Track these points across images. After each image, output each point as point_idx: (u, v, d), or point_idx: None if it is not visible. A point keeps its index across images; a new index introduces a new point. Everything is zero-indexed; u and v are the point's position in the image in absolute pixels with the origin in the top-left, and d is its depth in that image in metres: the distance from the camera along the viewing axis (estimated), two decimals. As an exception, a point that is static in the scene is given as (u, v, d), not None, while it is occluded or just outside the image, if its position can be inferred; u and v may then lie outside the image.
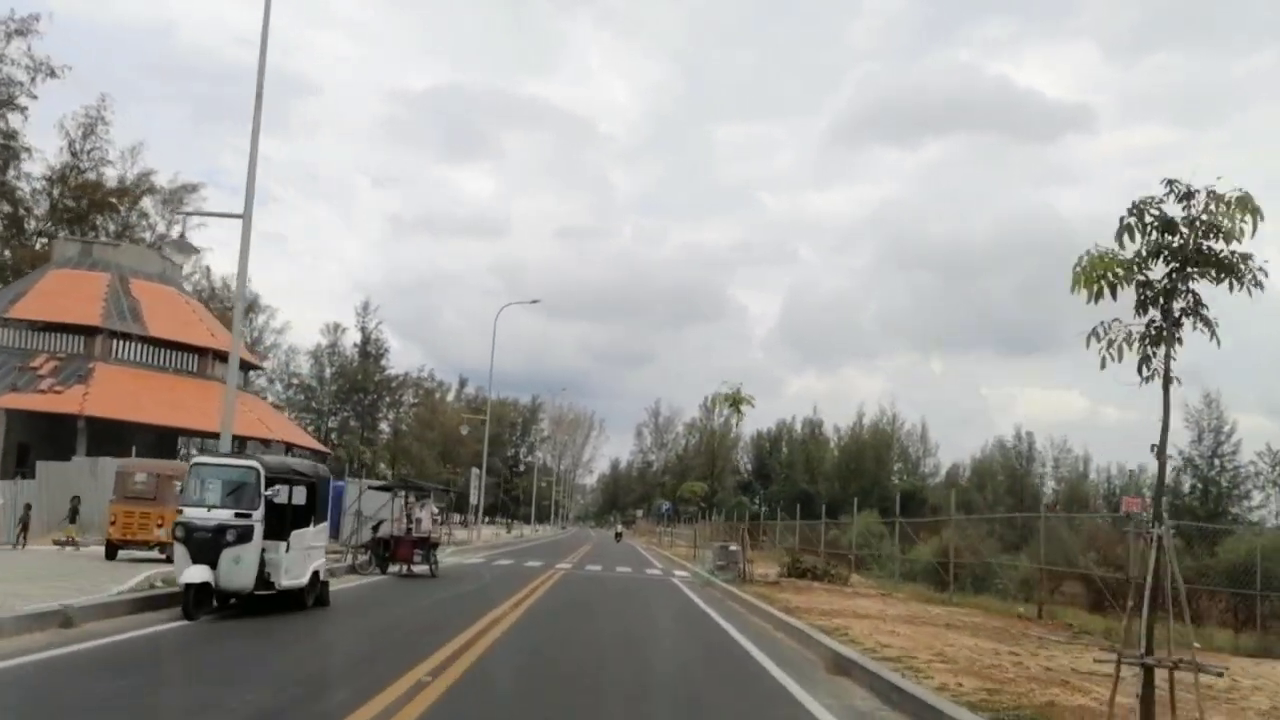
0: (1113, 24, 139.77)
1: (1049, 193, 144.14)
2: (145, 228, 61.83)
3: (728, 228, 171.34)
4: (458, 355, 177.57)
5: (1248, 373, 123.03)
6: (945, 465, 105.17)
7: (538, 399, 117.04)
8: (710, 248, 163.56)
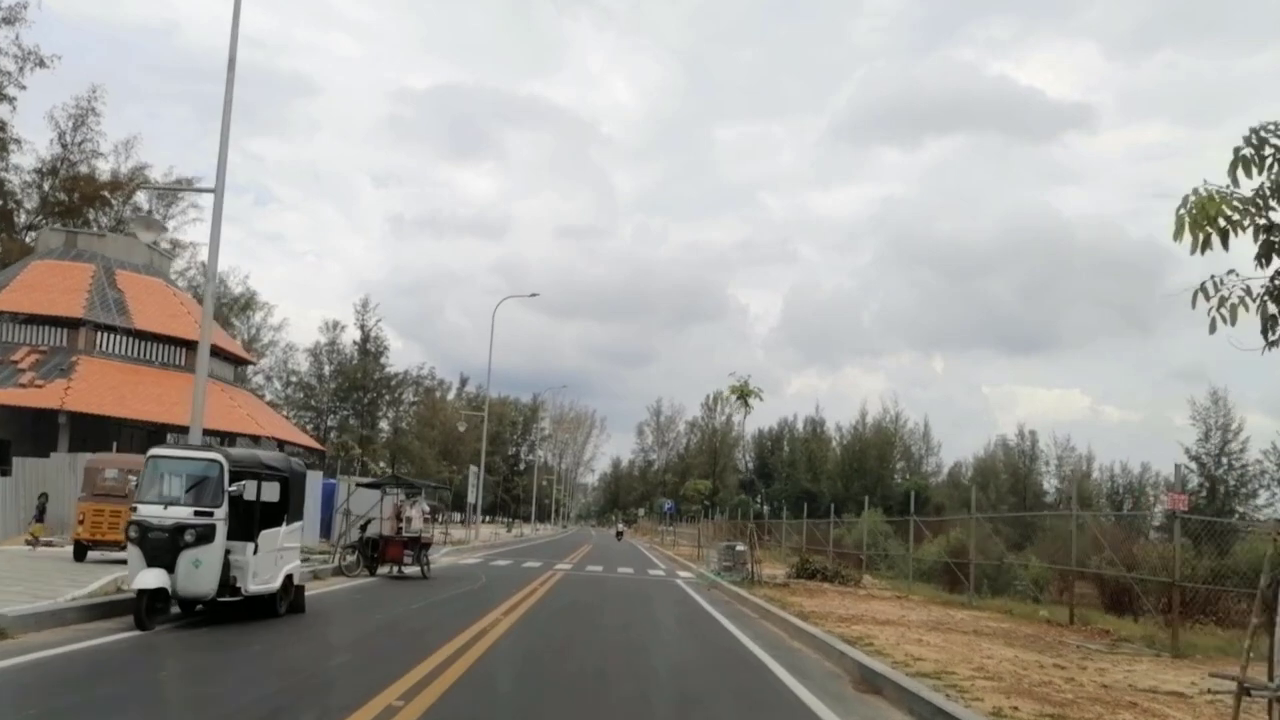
0: (1114, 23, 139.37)
1: (1050, 192, 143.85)
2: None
3: (729, 227, 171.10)
4: (460, 355, 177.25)
5: (1249, 372, 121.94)
6: (947, 464, 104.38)
7: (539, 397, 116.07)
8: (712, 247, 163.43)
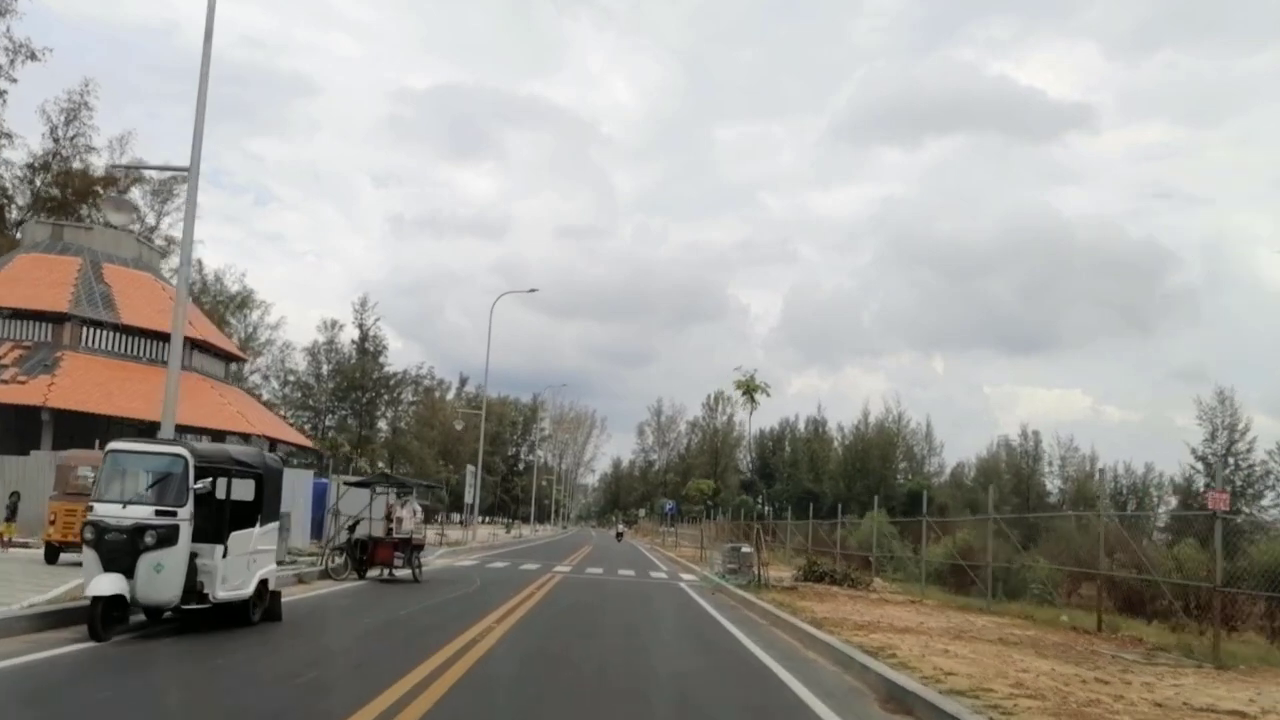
0: (1114, 23, 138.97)
1: (1050, 192, 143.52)
2: (134, 219, 59.99)
3: (729, 227, 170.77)
4: (460, 355, 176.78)
5: (1250, 373, 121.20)
6: (950, 464, 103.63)
7: (539, 397, 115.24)
8: (712, 247, 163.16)
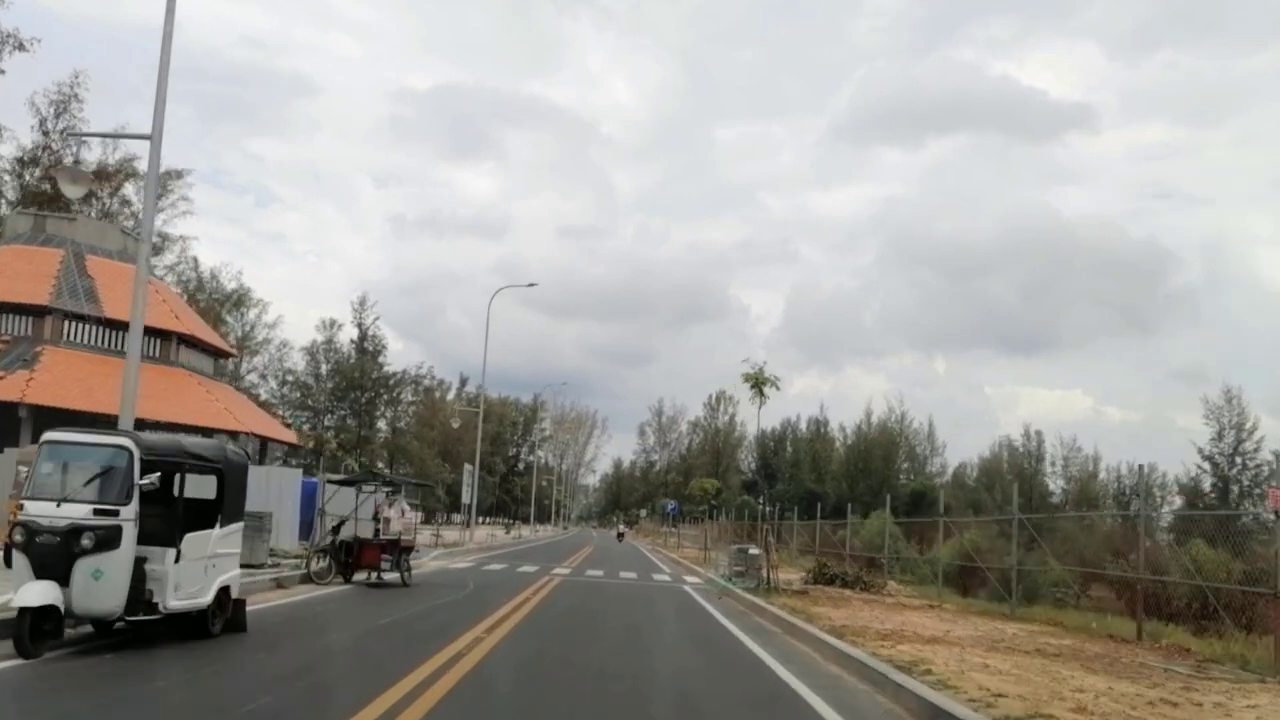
0: (1114, 23, 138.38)
1: (1051, 192, 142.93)
2: (128, 215, 58.98)
3: (730, 227, 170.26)
4: (460, 355, 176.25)
5: (1251, 373, 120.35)
6: (952, 464, 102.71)
7: (539, 397, 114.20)
8: (712, 247, 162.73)
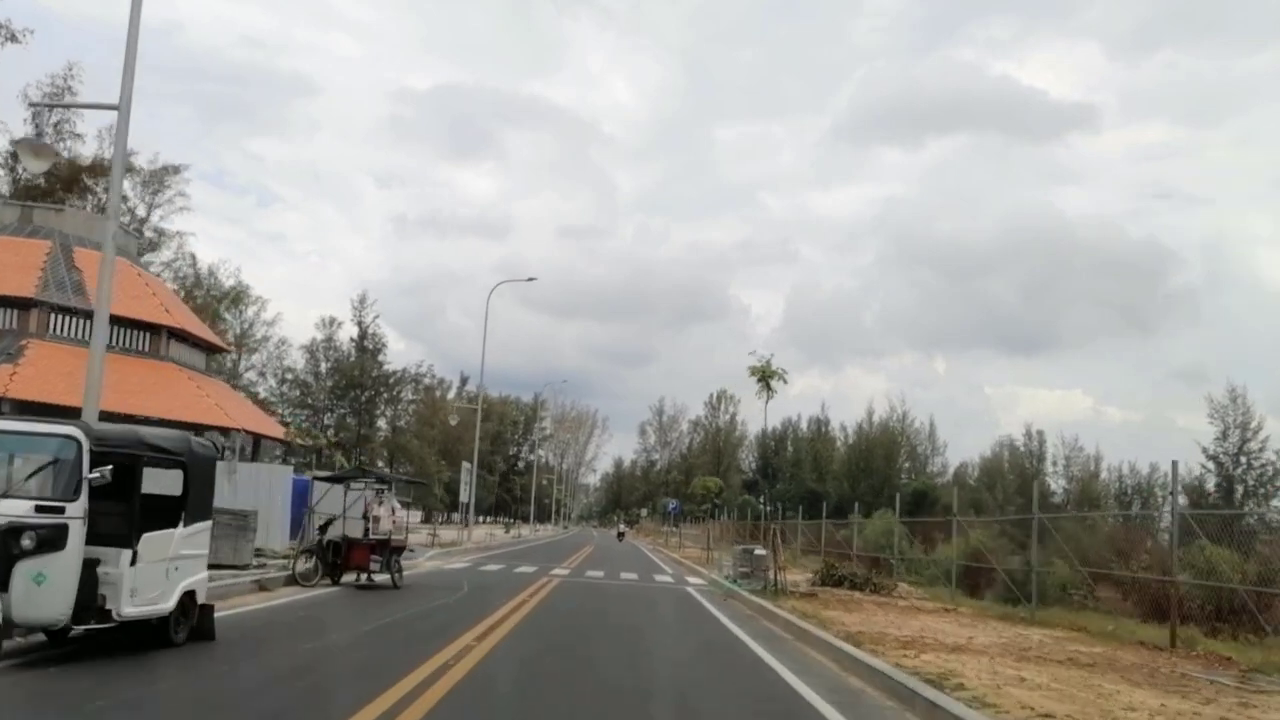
0: (1114, 23, 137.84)
1: (1051, 192, 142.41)
2: (124, 211, 58.22)
3: (730, 227, 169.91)
4: (461, 355, 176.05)
5: (1252, 372, 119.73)
6: (952, 464, 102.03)
7: (539, 396, 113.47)
8: (712, 247, 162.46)
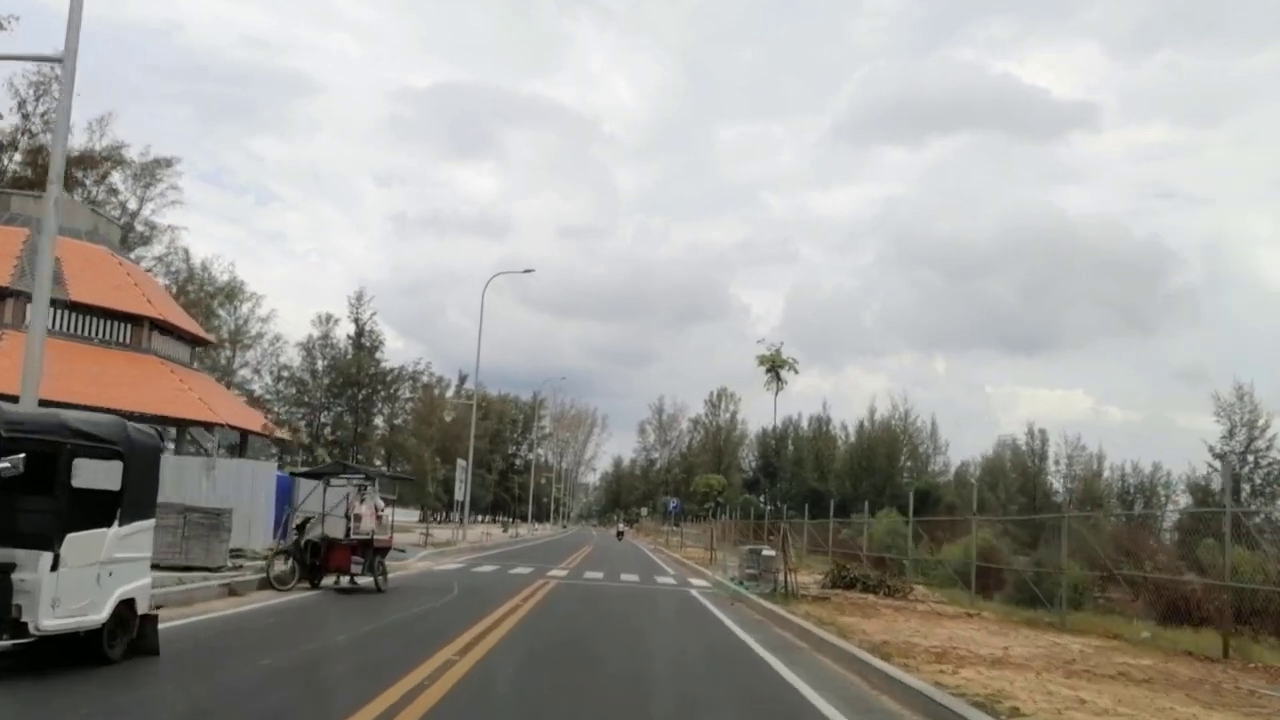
0: (1114, 23, 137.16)
1: (1051, 191, 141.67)
2: (115, 205, 57.11)
3: (730, 227, 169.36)
4: (461, 354, 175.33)
5: (1252, 372, 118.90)
6: (954, 464, 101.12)
7: (539, 395, 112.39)
8: (712, 247, 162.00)
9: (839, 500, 58.13)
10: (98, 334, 28.40)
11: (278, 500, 24.52)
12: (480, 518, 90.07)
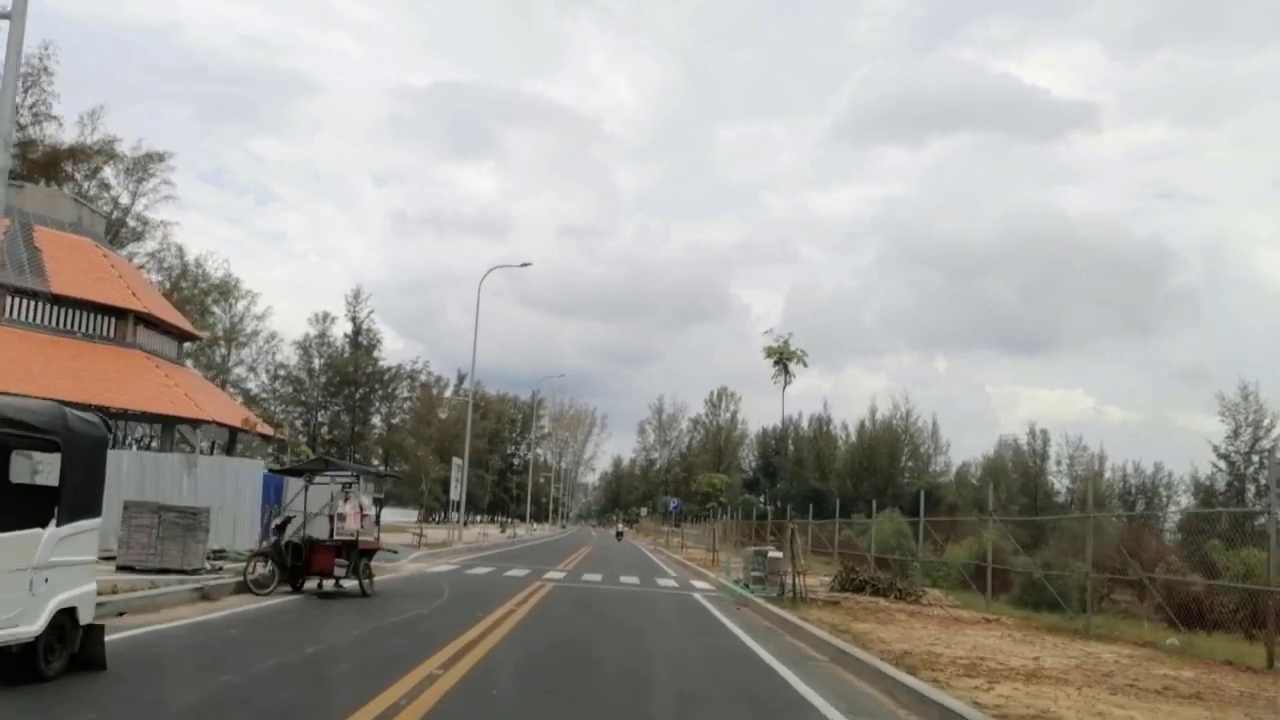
0: (1114, 23, 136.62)
1: (1051, 191, 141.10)
2: (107, 200, 56.24)
3: (730, 227, 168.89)
4: (460, 354, 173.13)
5: (1252, 372, 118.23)
6: (955, 464, 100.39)
7: (537, 394, 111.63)
8: (712, 247, 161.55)
9: (840, 500, 57.33)
10: (80, 327, 27.54)
11: (266, 499, 23.68)
12: (478, 518, 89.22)
